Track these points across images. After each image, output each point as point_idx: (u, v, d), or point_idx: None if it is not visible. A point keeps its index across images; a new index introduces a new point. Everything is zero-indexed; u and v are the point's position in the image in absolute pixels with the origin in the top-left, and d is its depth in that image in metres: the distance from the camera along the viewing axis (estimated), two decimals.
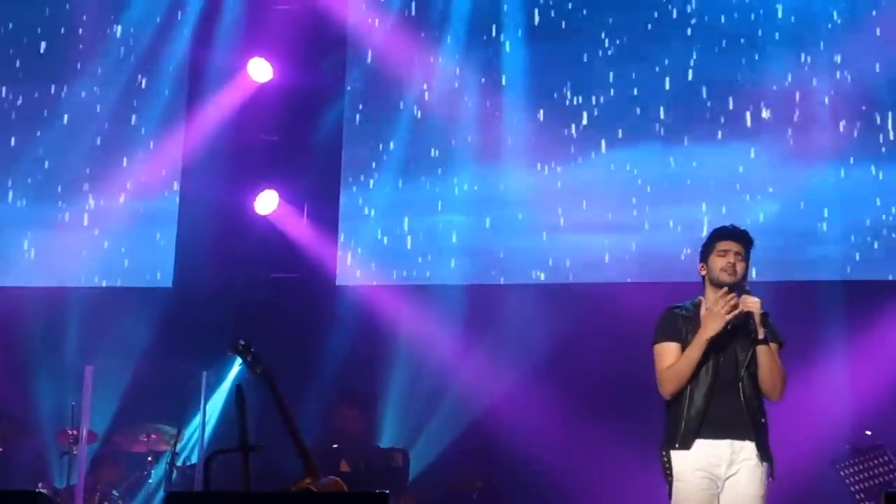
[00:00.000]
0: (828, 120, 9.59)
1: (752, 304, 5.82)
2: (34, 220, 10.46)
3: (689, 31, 9.88)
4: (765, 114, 9.69)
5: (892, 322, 9.08)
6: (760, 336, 5.78)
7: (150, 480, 9.26)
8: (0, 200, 10.50)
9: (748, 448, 5.81)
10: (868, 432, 8.39)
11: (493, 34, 10.21)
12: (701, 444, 5.82)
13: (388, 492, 5.31)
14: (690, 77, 9.83)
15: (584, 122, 9.95)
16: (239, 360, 6.72)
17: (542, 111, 10.04)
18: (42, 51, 10.63)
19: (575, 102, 9.99)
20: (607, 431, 8.52)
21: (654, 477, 5.93)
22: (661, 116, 9.80)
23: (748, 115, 9.71)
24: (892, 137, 9.54)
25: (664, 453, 5.87)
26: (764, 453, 5.85)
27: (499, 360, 9.40)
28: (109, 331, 9.91)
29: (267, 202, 10.23)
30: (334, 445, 8.49)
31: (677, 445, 5.83)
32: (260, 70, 10.32)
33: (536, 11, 10.18)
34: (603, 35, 10.00)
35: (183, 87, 10.63)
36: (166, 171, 10.52)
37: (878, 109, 9.57)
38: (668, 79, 9.84)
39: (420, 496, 8.83)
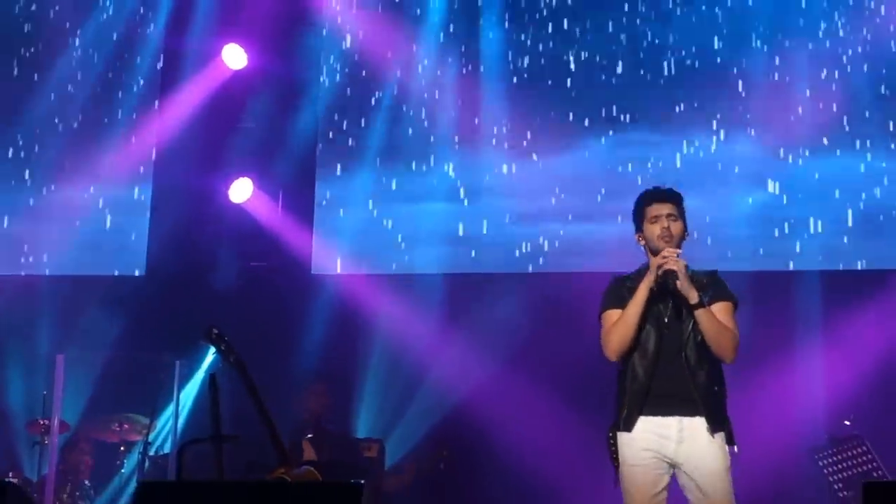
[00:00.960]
0: (807, 109, 9.55)
1: (673, 261, 5.62)
2: (5, 207, 10.35)
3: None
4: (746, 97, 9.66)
5: (869, 312, 9.04)
6: (690, 298, 5.56)
7: (123, 470, 9.18)
8: None
9: (697, 423, 5.60)
10: (846, 422, 8.35)
11: (473, 19, 10.14)
12: (645, 423, 5.62)
13: (362, 482, 5.26)
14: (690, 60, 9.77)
15: (565, 107, 9.89)
16: (212, 349, 6.66)
17: (521, 97, 9.97)
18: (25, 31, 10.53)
19: (553, 87, 9.94)
20: (585, 419, 8.43)
21: None
22: (643, 102, 9.76)
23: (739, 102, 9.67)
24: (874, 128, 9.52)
25: (610, 435, 5.70)
26: (716, 424, 5.61)
27: (477, 348, 9.35)
28: (81, 320, 9.82)
29: (241, 190, 10.14)
30: (309, 435, 8.42)
31: (621, 427, 5.66)
32: (235, 57, 10.22)
33: None
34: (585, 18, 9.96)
35: (157, 73, 10.53)
36: (140, 159, 10.43)
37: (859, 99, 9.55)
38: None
39: (393, 479, 8.76)
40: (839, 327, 9.05)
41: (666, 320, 5.72)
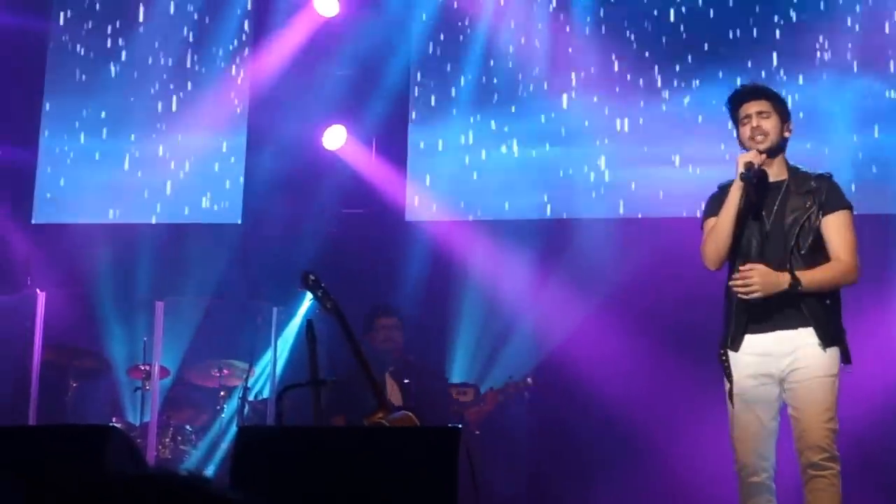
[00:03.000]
0: None
1: (748, 155, 5.47)
2: (104, 155, 10.47)
3: None
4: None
5: None
6: (780, 287, 5.36)
7: (223, 415, 9.29)
8: (71, 137, 10.52)
9: (805, 333, 5.42)
10: None
11: None
12: (753, 341, 5.47)
13: (460, 426, 5.28)
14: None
15: (658, 55, 9.75)
16: (309, 295, 6.70)
17: (615, 45, 9.84)
18: None
19: (648, 35, 9.80)
20: (683, 367, 8.40)
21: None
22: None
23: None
24: None
25: (721, 352, 5.54)
26: (828, 337, 5.42)
27: (572, 295, 9.30)
28: (179, 267, 9.93)
29: (335, 137, 10.16)
30: (405, 381, 8.45)
31: (729, 344, 5.51)
32: (327, 4, 10.21)
33: None
34: None
35: (251, 22, 10.56)
36: (234, 107, 10.49)
37: None
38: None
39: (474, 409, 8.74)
40: None
41: (768, 228, 5.52)
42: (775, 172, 5.65)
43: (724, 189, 5.68)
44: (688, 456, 8.59)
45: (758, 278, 5.38)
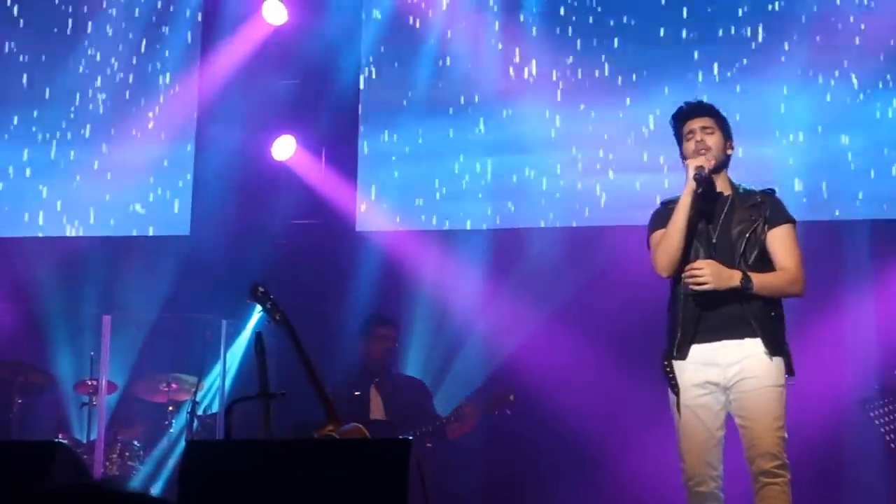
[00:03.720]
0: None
1: (698, 161, 5.50)
2: (53, 167, 10.35)
3: None
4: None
5: None
6: (732, 284, 5.40)
7: (172, 430, 9.20)
8: (13, 148, 10.38)
9: (752, 343, 5.44)
10: None
11: None
12: (699, 350, 5.48)
13: (410, 438, 5.24)
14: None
15: (609, 61, 9.74)
16: (258, 308, 6.65)
17: (567, 50, 9.82)
18: None
19: (597, 42, 9.80)
20: (635, 376, 8.40)
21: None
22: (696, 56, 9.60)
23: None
24: None
25: (666, 363, 5.55)
26: (774, 348, 5.45)
27: (524, 305, 9.28)
28: (127, 280, 9.84)
29: (284, 147, 10.09)
30: (376, 380, 8.46)
31: (675, 354, 5.52)
32: (275, 12, 10.14)
33: None
34: None
35: (198, 31, 10.48)
36: (182, 118, 10.40)
37: None
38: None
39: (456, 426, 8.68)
40: (890, 276, 8.92)
41: (714, 241, 5.56)
42: (719, 187, 5.71)
43: (667, 205, 5.74)
44: (640, 466, 8.58)
45: (709, 270, 5.42)
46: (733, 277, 5.43)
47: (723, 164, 5.72)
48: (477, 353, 9.46)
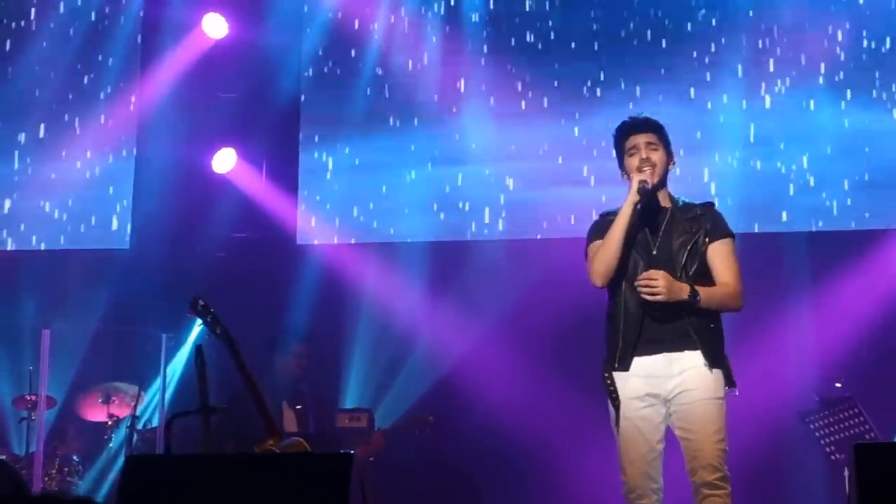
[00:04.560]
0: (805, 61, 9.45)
1: (642, 174, 5.52)
2: None
3: None
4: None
5: (859, 273, 9.01)
6: (681, 296, 5.43)
7: (111, 445, 9.13)
8: None
9: (692, 356, 5.46)
10: (837, 384, 8.31)
11: None
12: (640, 363, 5.49)
13: (353, 452, 5.23)
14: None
15: (550, 74, 9.78)
16: (198, 321, 6.61)
17: (506, 62, 9.85)
18: None
19: (537, 51, 9.85)
20: (578, 389, 8.41)
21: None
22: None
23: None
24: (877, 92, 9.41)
25: (606, 376, 5.54)
26: (714, 360, 5.47)
27: (466, 318, 9.29)
28: (66, 294, 9.76)
29: (225, 160, 10.06)
30: (297, 406, 8.38)
31: (617, 365, 5.52)
32: (215, 26, 10.11)
33: None
34: None
35: (137, 44, 10.42)
36: (122, 132, 10.33)
37: None
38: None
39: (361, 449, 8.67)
40: (828, 289, 9.01)
41: (655, 252, 5.58)
42: (660, 202, 5.71)
43: (605, 216, 5.73)
44: (580, 479, 8.60)
45: (663, 282, 5.43)
46: (683, 290, 5.44)
47: (663, 181, 5.74)
48: (418, 366, 9.46)
